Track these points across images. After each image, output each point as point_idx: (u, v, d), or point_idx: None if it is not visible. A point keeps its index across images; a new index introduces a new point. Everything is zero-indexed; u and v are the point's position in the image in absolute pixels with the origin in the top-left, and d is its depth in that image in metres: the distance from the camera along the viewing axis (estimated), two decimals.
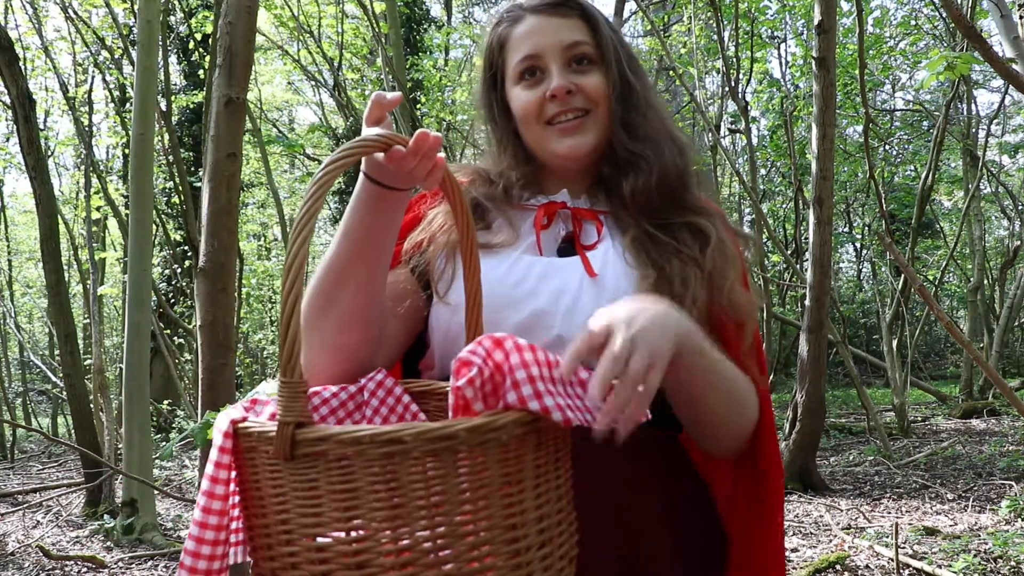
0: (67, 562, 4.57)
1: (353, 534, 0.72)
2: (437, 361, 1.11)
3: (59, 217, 6.68)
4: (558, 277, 1.06)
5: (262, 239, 17.39)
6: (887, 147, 11.06)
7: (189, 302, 10.64)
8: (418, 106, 9.57)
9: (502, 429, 0.73)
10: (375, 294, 1.03)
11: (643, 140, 1.12)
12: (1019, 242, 10.24)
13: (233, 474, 0.78)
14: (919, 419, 8.86)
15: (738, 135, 10.95)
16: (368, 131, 0.92)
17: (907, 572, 3.66)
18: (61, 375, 7.54)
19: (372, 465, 0.71)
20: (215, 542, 0.78)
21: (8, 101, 6.15)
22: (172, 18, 9.95)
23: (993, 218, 14.96)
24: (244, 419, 0.78)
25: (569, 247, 1.12)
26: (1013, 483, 5.34)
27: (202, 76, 8.68)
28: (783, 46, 10.62)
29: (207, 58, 7.47)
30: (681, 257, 1.06)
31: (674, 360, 0.85)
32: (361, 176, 0.98)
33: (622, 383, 0.78)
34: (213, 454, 0.78)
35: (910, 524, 4.49)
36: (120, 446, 5.94)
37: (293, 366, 0.72)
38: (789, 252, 9.92)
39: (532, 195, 1.18)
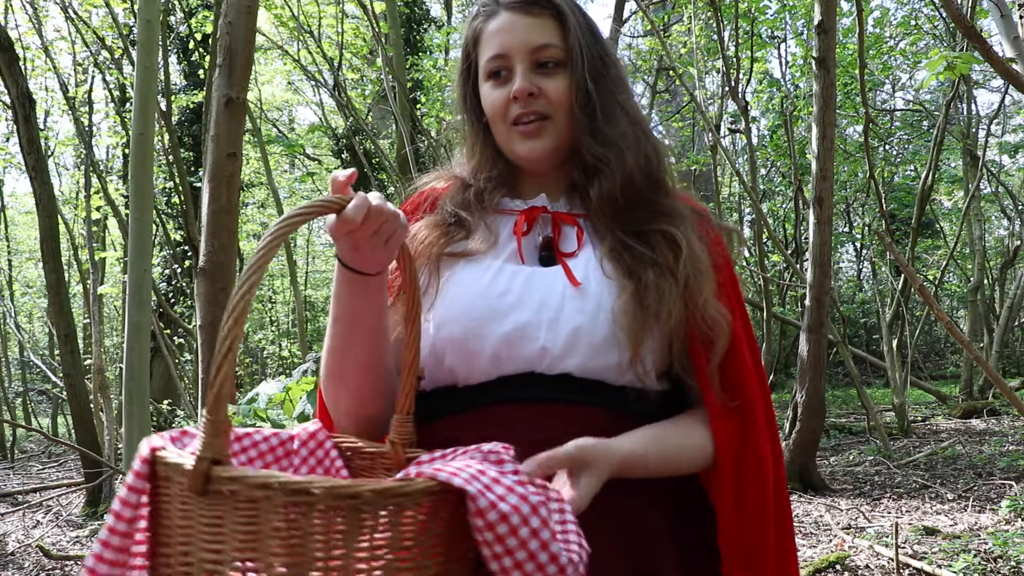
0: (67, 562, 4.57)
1: None
2: (426, 374, 1.12)
3: (59, 217, 6.68)
4: (542, 287, 1.06)
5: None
6: (887, 147, 11.07)
7: (189, 302, 10.64)
8: (418, 106, 9.57)
9: (410, 496, 0.75)
10: (380, 368, 1.07)
11: (608, 144, 1.12)
12: (1019, 242, 10.25)
13: (144, 499, 0.78)
14: (919, 419, 8.86)
15: (738, 135, 10.95)
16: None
17: (907, 572, 3.66)
18: (61, 375, 7.54)
19: (277, 512, 0.72)
20: (114, 563, 0.77)
21: (8, 101, 6.15)
22: (172, 18, 9.95)
23: (993, 218, 14.95)
24: (163, 448, 0.78)
25: (550, 255, 1.12)
26: (1013, 483, 5.34)
27: (202, 76, 8.68)
28: (783, 46, 10.63)
29: (207, 58, 7.48)
30: (657, 267, 1.06)
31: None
32: (336, 263, 1.01)
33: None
34: (128, 477, 0.78)
35: (910, 524, 4.49)
36: (120, 446, 5.94)
37: (218, 404, 0.74)
38: (789, 252, 9.93)
39: (511, 199, 1.19)
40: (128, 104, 8.39)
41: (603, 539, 0.93)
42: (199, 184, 5.14)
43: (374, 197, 0.93)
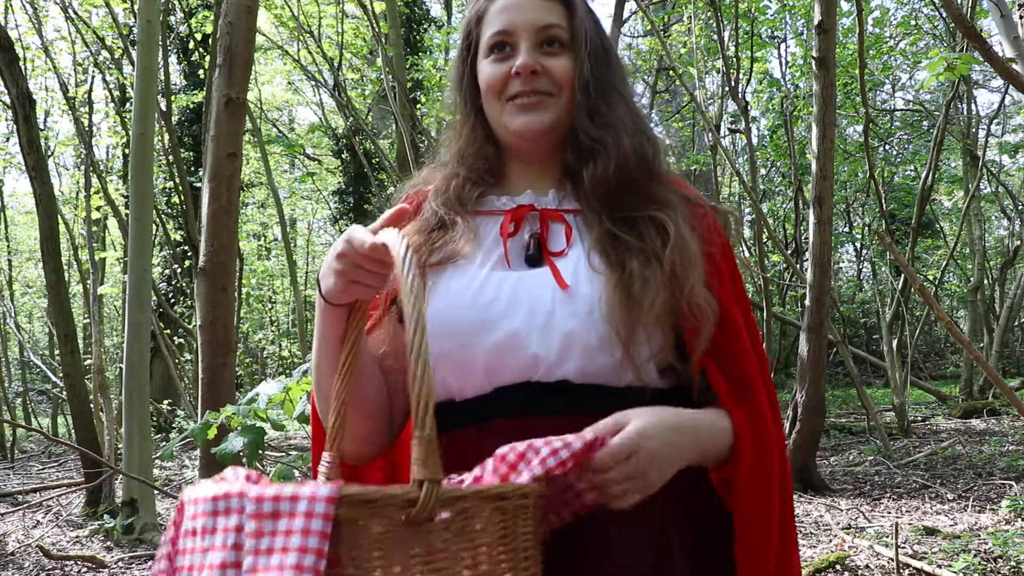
0: (67, 562, 4.57)
1: None
2: None
3: (59, 217, 6.69)
4: (530, 292, 1.04)
5: (262, 239, 17.40)
6: (887, 147, 11.07)
7: (189, 302, 10.64)
8: (418, 106, 9.58)
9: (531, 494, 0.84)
10: (366, 391, 1.07)
11: (604, 127, 1.11)
12: (1019, 242, 10.25)
13: (325, 545, 0.67)
14: (919, 419, 8.86)
15: (738, 135, 10.95)
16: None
17: (907, 572, 3.66)
18: (61, 375, 7.54)
19: (504, 517, 0.76)
20: None
21: (8, 101, 6.15)
22: (172, 18, 9.95)
23: (993, 218, 14.96)
24: (342, 485, 0.70)
25: (537, 255, 1.09)
26: (1013, 483, 5.34)
27: (202, 76, 8.68)
28: (783, 46, 10.63)
29: (207, 58, 7.48)
30: (643, 255, 1.04)
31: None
32: (317, 295, 1.02)
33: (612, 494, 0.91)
34: (315, 525, 0.66)
35: (910, 524, 4.49)
36: (120, 446, 5.94)
37: (427, 416, 0.71)
38: (789, 252, 9.92)
39: (497, 196, 1.16)
40: (128, 104, 8.39)
41: (633, 531, 0.97)
42: (199, 184, 5.14)
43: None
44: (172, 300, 11.46)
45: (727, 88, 7.41)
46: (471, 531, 0.73)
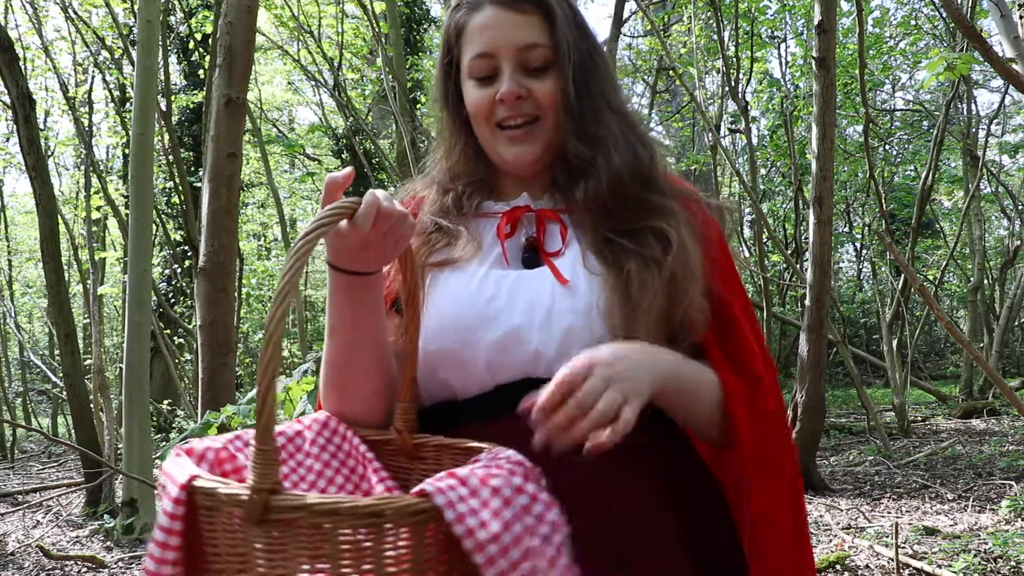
0: (67, 562, 4.57)
1: None
2: (422, 390, 1.10)
3: (59, 217, 6.69)
4: (530, 290, 1.04)
5: (262, 239, 17.39)
6: (887, 147, 11.07)
7: (189, 302, 10.63)
8: (418, 106, 9.57)
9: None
10: (386, 370, 1.05)
11: (593, 144, 1.09)
12: (1019, 242, 10.25)
13: (178, 525, 0.77)
14: (919, 419, 8.86)
15: (738, 135, 10.94)
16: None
17: (907, 572, 3.66)
18: (61, 375, 7.54)
19: (346, 533, 0.73)
20: None
21: (8, 101, 6.15)
22: (172, 18, 9.94)
23: (993, 218, 14.95)
24: (196, 477, 0.77)
25: (534, 256, 1.09)
26: (1013, 483, 5.34)
27: (202, 76, 8.68)
28: (783, 46, 10.62)
29: (207, 58, 7.48)
30: (640, 258, 1.03)
31: (656, 395, 0.93)
32: (329, 271, 0.99)
33: (588, 418, 0.85)
34: (167, 505, 0.77)
35: (910, 524, 4.49)
36: (120, 446, 5.94)
37: (267, 433, 0.74)
38: (789, 252, 9.91)
39: (493, 200, 1.16)
40: (128, 104, 8.39)
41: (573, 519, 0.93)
42: (199, 184, 5.14)
43: (382, 197, 0.91)
44: (172, 300, 11.46)
45: (727, 88, 7.41)
46: (305, 540, 0.74)
